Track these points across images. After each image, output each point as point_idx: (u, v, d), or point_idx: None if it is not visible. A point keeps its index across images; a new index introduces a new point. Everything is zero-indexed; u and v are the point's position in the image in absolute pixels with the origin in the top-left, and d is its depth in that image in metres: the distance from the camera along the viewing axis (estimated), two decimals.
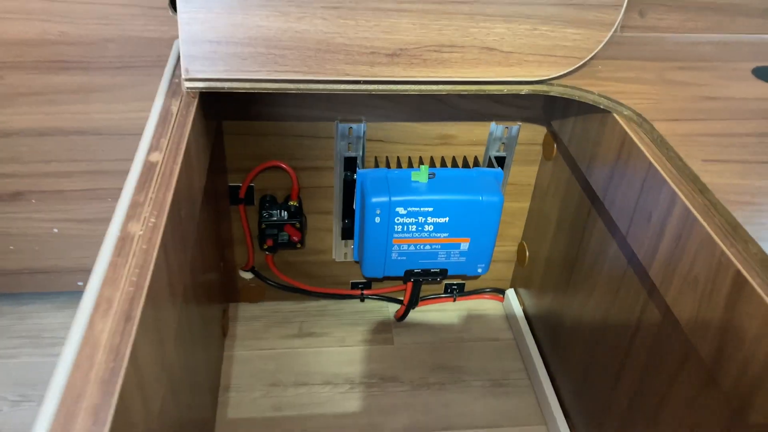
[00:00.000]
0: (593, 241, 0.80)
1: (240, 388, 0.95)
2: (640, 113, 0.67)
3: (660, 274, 0.60)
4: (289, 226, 0.95)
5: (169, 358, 0.53)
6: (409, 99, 0.88)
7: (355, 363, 1.00)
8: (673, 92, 0.72)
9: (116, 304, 0.44)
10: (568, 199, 0.87)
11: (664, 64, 0.78)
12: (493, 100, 0.89)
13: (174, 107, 0.65)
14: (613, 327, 0.76)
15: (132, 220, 0.51)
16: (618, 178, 0.68)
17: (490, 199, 0.86)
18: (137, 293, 0.45)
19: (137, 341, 0.42)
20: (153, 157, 0.58)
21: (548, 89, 0.72)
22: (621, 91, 0.71)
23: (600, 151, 0.73)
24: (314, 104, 0.87)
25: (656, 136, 0.64)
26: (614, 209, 0.69)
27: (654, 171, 0.61)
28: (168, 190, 0.54)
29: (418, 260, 0.91)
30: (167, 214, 0.52)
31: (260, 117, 0.87)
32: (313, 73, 0.67)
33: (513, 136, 0.92)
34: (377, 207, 0.85)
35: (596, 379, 0.81)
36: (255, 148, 0.90)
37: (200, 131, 0.69)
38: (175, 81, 0.70)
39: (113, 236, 0.49)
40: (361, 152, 0.91)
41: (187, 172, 0.60)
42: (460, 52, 0.68)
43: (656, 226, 0.61)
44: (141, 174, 0.56)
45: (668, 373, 0.64)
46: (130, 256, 0.47)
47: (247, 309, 1.07)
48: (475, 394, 0.96)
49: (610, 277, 0.76)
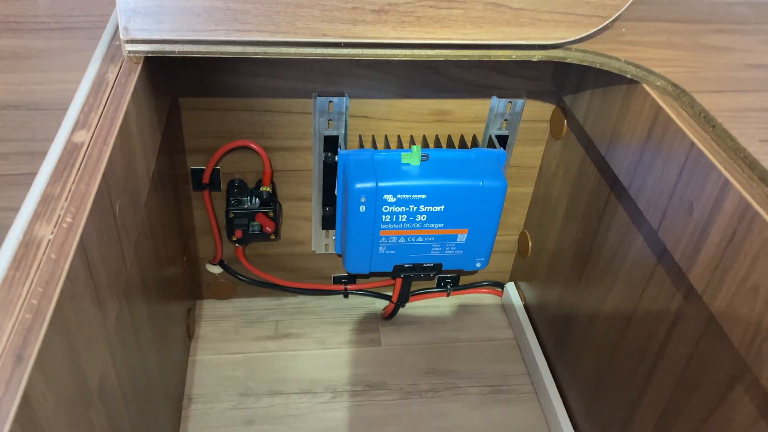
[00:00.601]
0: (612, 233, 0.69)
1: (206, 398, 0.84)
2: (676, 83, 0.56)
3: (704, 278, 0.50)
4: (262, 215, 0.83)
5: (95, 385, 0.41)
6: (399, 68, 0.76)
7: (338, 368, 0.89)
8: (713, 59, 0.60)
9: (5, 340, 0.32)
10: (580, 185, 0.76)
11: (697, 27, 0.66)
12: (495, 70, 0.77)
13: (111, 75, 0.53)
14: (638, 333, 0.65)
15: (41, 219, 0.39)
16: (648, 161, 0.57)
17: (492, 185, 0.75)
18: (36, 321, 0.33)
19: (32, 389, 0.31)
20: (78, 136, 0.46)
21: (565, 55, 0.61)
22: (651, 57, 0.60)
23: (625, 129, 0.61)
24: (288, 74, 0.74)
25: (699, 110, 0.53)
26: (642, 198, 0.59)
27: (697, 153, 0.50)
28: (93, 178, 0.43)
29: (409, 254, 0.80)
30: (90, 210, 0.40)
31: (224, 89, 0.75)
32: (281, 33, 0.55)
33: (517, 112, 0.81)
34: (362, 194, 0.73)
35: (614, 391, 0.70)
36: (219, 125, 0.78)
37: (145, 104, 0.57)
38: (115, 44, 0.58)
39: (12, 242, 0.37)
40: (343, 130, 0.79)
41: (124, 155, 0.48)
42: (462, 8, 0.56)
43: (700, 220, 0.50)
44: (60, 159, 0.44)
45: (711, 394, 0.54)
46: (33, 270, 0.36)
47: (215, 307, 0.96)
48: (472, 402, 0.86)
49: (633, 275, 0.65)
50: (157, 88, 0.62)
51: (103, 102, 0.50)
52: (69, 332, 0.36)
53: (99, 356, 0.42)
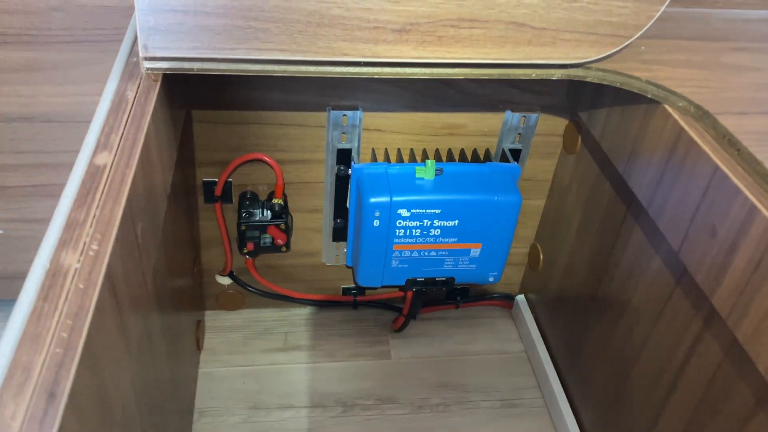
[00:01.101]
0: (629, 252, 0.69)
1: (217, 411, 0.83)
2: (698, 105, 0.56)
3: (728, 303, 0.49)
4: (273, 227, 0.82)
5: (119, 412, 0.41)
6: (413, 83, 0.75)
7: (348, 381, 0.88)
8: (734, 78, 0.60)
9: (36, 375, 0.31)
10: (595, 200, 0.76)
11: (716, 45, 0.66)
12: (508, 85, 0.77)
13: (130, 93, 0.53)
14: (656, 353, 0.65)
15: (67, 247, 0.38)
16: (669, 182, 0.57)
17: (507, 200, 0.74)
18: (67, 356, 0.32)
19: (64, 427, 0.30)
20: (100, 158, 0.46)
21: (585, 74, 0.60)
22: (671, 76, 0.60)
23: (644, 148, 0.61)
24: (302, 88, 0.74)
25: (722, 132, 0.53)
26: (662, 218, 0.58)
27: (721, 177, 0.50)
28: (118, 202, 0.42)
29: (422, 268, 0.80)
30: (116, 236, 0.40)
31: (237, 103, 0.74)
32: (302, 53, 0.54)
33: (531, 126, 0.80)
34: (376, 208, 0.73)
35: (630, 408, 0.70)
36: (232, 138, 0.77)
37: (164, 121, 0.56)
38: (133, 60, 0.57)
39: (39, 272, 0.37)
40: (356, 143, 0.78)
41: (145, 176, 0.48)
42: (483, 28, 0.56)
43: (724, 243, 0.50)
44: (83, 182, 0.43)
45: (733, 417, 0.54)
46: (61, 301, 0.35)
47: (224, 318, 0.95)
48: (484, 416, 0.85)
49: (650, 296, 0.65)
50: (173, 103, 0.61)
51: (123, 122, 0.49)
52: (97, 365, 0.35)
53: (123, 384, 0.41)
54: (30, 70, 0.71)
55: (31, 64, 0.70)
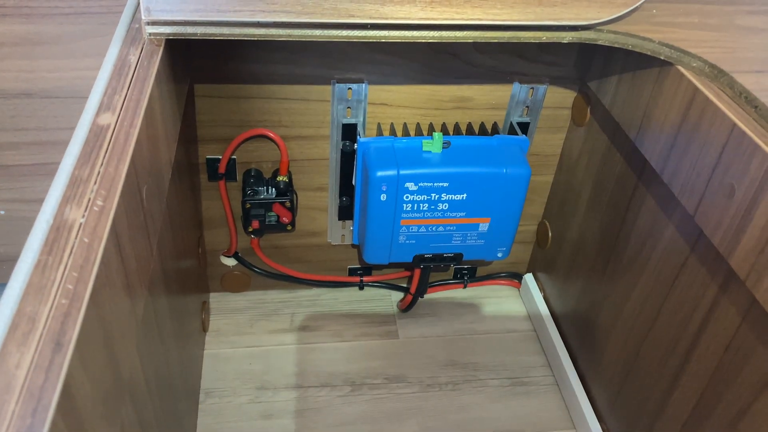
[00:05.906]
0: (641, 221, 0.68)
1: (223, 392, 0.82)
2: (714, 64, 0.55)
3: (747, 262, 0.48)
4: (278, 205, 0.81)
5: (127, 376, 0.40)
6: (419, 54, 0.74)
7: (356, 360, 0.87)
8: (749, 39, 0.59)
9: (42, 326, 0.30)
10: (605, 172, 0.75)
11: (730, 8, 0.65)
12: (516, 55, 0.76)
13: (132, 57, 0.51)
14: (669, 323, 0.64)
15: (71, 202, 0.37)
16: (683, 145, 0.56)
17: (516, 172, 0.73)
18: (74, 307, 0.31)
19: (71, 377, 0.29)
20: (103, 118, 0.44)
21: (596, 37, 0.59)
22: (685, 38, 0.59)
23: (657, 112, 0.60)
24: (306, 60, 0.73)
25: (739, 90, 0.52)
26: (676, 183, 0.57)
27: (739, 134, 0.49)
28: (122, 161, 0.41)
29: (429, 243, 0.79)
30: (120, 193, 0.38)
31: (240, 77, 0.73)
32: (308, 14, 0.53)
33: (539, 99, 0.79)
34: (383, 182, 0.72)
35: (643, 382, 0.69)
36: (236, 113, 0.76)
37: (167, 89, 0.55)
38: (135, 26, 0.56)
39: (43, 226, 0.35)
40: (361, 118, 0.77)
41: (149, 138, 0.47)
42: None
43: (742, 203, 0.49)
44: (86, 141, 0.42)
45: (750, 385, 0.53)
46: (66, 254, 0.34)
47: (229, 300, 0.94)
48: (493, 394, 0.84)
49: (665, 263, 0.64)
50: (176, 75, 0.60)
51: (126, 84, 0.48)
52: (104, 319, 0.34)
53: (130, 347, 0.40)
54: (29, 44, 0.69)
55: (31, 37, 0.69)
